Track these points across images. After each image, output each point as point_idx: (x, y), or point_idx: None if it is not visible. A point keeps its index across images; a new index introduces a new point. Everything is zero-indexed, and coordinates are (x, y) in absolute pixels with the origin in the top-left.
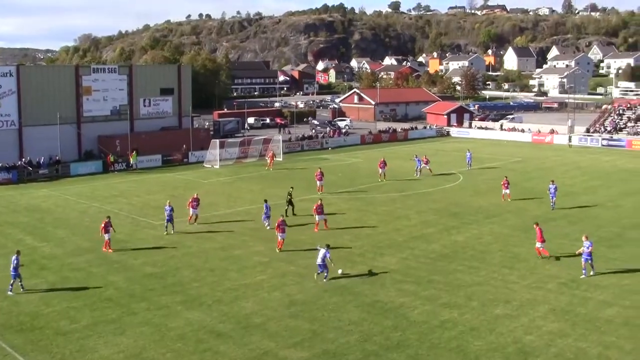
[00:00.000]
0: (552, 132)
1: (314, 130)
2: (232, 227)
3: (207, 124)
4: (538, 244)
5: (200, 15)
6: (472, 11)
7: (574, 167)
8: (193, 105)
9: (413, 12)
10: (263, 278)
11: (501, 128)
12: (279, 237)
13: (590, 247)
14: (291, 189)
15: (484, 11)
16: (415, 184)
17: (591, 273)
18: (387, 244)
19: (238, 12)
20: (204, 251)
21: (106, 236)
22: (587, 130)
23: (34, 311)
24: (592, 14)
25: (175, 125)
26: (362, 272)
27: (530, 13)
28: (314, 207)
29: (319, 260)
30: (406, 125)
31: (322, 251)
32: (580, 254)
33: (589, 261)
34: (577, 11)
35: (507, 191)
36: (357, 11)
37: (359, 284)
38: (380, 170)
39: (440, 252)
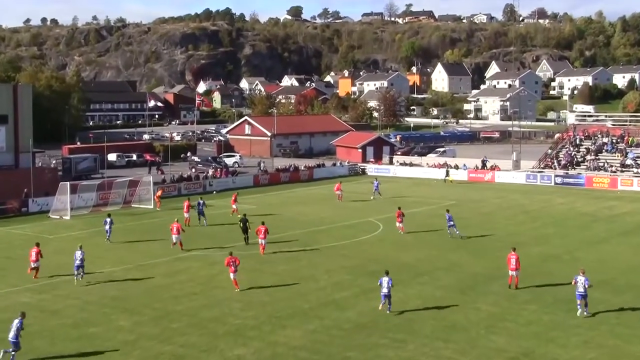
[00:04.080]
0: (494, 168)
1: (194, 169)
2: (87, 296)
3: (54, 161)
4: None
5: (44, 20)
6: (392, 19)
7: (520, 211)
8: (35, 137)
9: (318, 20)
10: None
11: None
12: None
13: (586, 284)
14: (244, 215)
15: (407, 19)
16: (323, 237)
17: (585, 313)
18: (289, 313)
19: (94, 18)
20: (49, 330)
21: (35, 264)
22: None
23: None
24: (540, 21)
25: (10, 163)
26: (257, 349)
27: (464, 21)
28: (259, 230)
29: (384, 290)
30: (311, 162)
31: (385, 279)
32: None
33: (583, 299)
34: (521, 18)
35: (400, 224)
36: (247, 18)
37: None
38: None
39: (357, 321)
